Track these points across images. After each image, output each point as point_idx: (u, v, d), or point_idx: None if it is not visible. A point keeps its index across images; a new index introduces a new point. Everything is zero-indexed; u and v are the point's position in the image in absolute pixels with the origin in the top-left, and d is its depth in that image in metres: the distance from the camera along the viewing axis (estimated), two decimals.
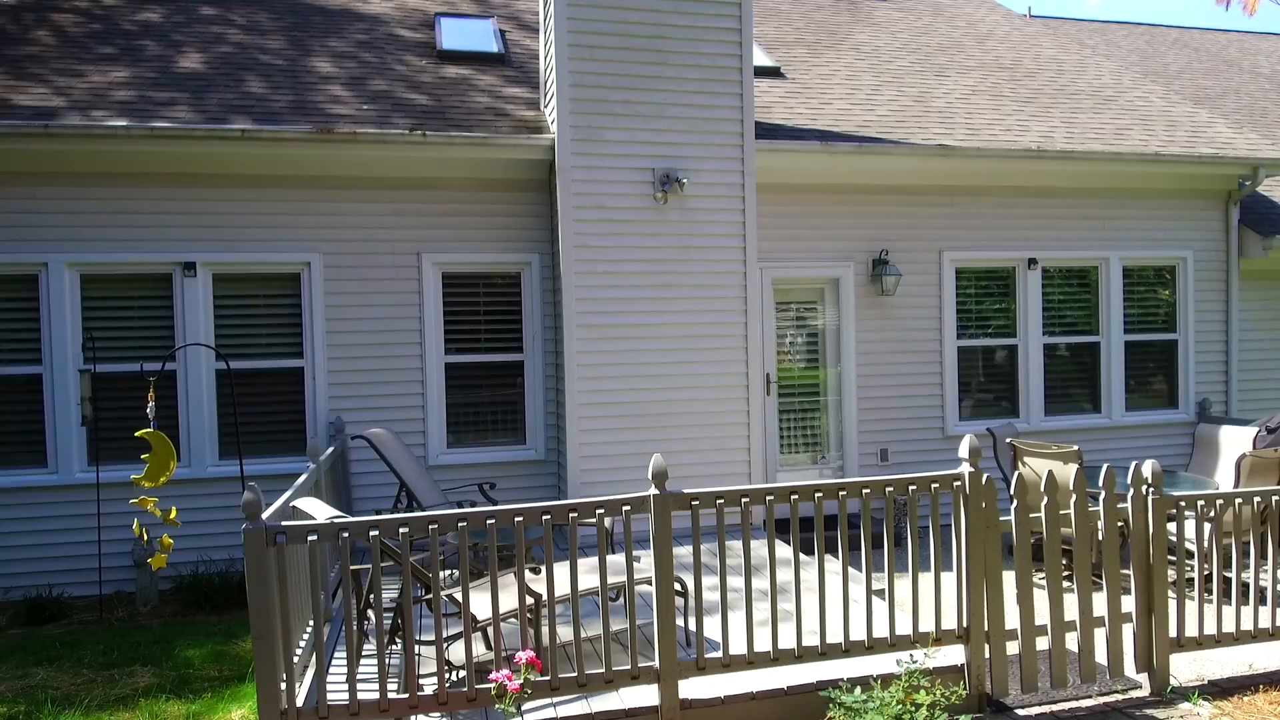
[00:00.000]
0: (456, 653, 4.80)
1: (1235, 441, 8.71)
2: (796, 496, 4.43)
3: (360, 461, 7.71)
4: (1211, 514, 5.02)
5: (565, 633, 5.07)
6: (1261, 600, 5.18)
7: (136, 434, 6.06)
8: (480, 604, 4.57)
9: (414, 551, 6.16)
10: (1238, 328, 10.07)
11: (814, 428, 8.99)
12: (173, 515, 6.03)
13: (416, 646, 4.88)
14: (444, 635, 4.48)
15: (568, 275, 7.50)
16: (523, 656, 3.72)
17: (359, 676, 4.10)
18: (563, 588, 4.70)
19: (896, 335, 9.04)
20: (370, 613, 4.97)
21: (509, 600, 4.57)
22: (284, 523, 3.83)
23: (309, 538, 3.82)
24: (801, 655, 4.42)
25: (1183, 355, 9.89)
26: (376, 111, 7.89)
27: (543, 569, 4.80)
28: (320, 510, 4.42)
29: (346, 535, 3.86)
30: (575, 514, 4.14)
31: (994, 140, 9.04)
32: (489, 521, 4.02)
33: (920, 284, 9.07)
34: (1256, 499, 5.14)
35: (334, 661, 4.87)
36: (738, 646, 4.50)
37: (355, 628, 4.08)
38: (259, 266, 7.69)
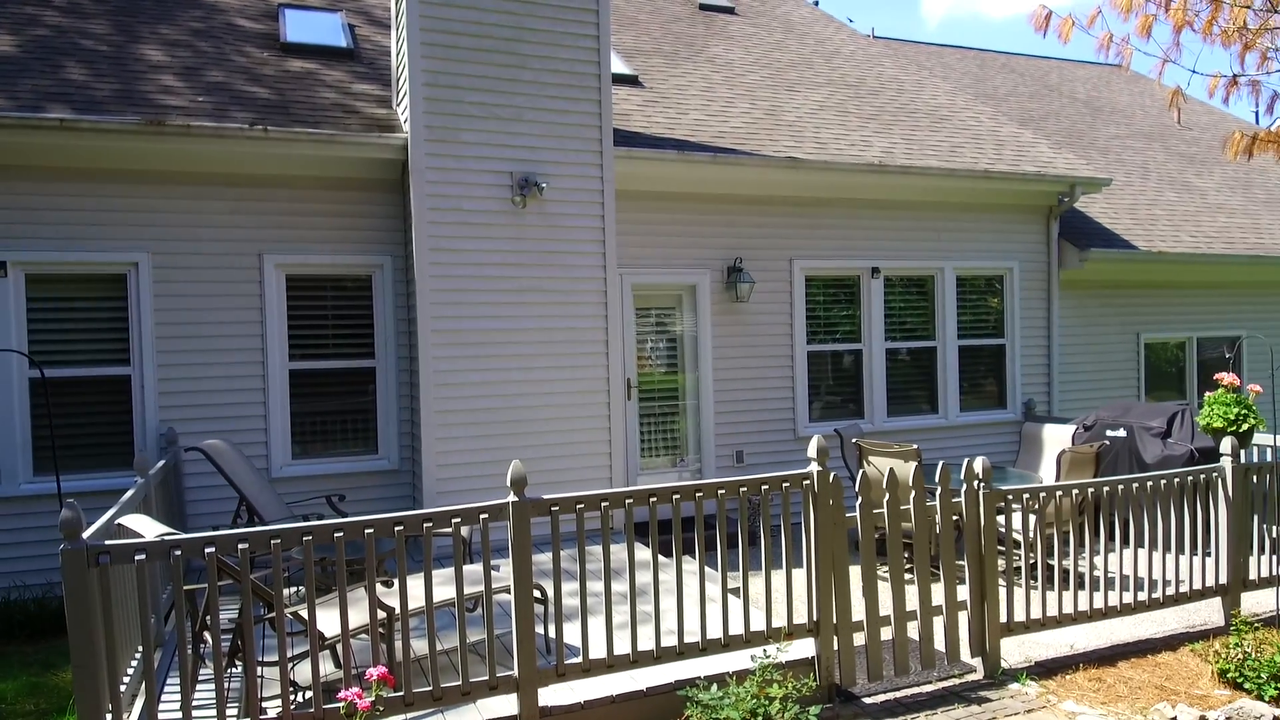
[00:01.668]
0: (304, 673, 4.58)
1: (1057, 438, 9.42)
2: (655, 499, 4.47)
3: (195, 475, 7.24)
4: (1035, 506, 5.39)
5: (421, 646, 4.93)
6: (1080, 585, 5.61)
7: None
8: (329, 621, 4.37)
9: (256, 569, 5.85)
10: (1058, 333, 10.89)
11: (674, 431, 9.11)
12: None
13: (259, 668, 4.62)
14: (290, 655, 4.25)
15: (422, 279, 7.30)
16: (374, 673, 3.58)
17: (195, 703, 3.84)
18: (418, 600, 4.56)
19: (751, 341, 9.28)
20: (207, 635, 4.66)
21: (359, 615, 4.39)
22: (108, 542, 3.54)
23: (136, 557, 3.54)
24: (660, 656, 4.46)
25: (1010, 359, 10.60)
26: (213, 104, 7.45)
27: (396, 582, 4.63)
28: (149, 528, 4.11)
29: (179, 553, 3.61)
30: (430, 524, 4.02)
31: (840, 154, 9.43)
32: (336, 534, 3.84)
33: (773, 291, 9.35)
34: (1075, 491, 5.56)
35: (167, 689, 4.55)
36: (598, 651, 4.48)
37: (190, 651, 3.82)
38: (80, 266, 7.11)
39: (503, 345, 7.57)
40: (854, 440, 7.61)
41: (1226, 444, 6.05)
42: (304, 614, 4.31)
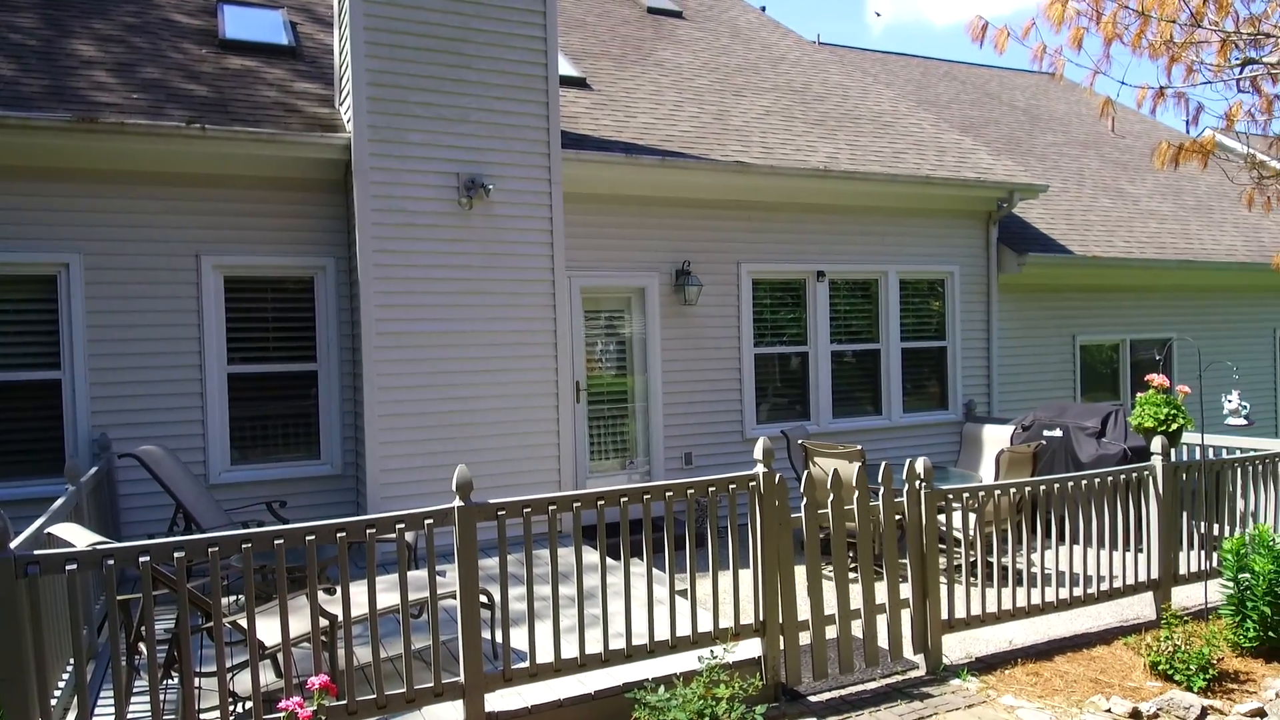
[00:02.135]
0: (244, 683, 4.48)
1: (996, 438, 9.63)
2: (603, 502, 4.46)
3: (130, 483, 7.04)
4: (975, 505, 5.51)
5: (365, 654, 4.85)
6: (1019, 582, 5.74)
7: None
8: (269, 630, 4.28)
9: (194, 578, 5.71)
10: (998, 336, 11.14)
11: (623, 434, 9.12)
12: None
13: (197, 679, 4.51)
14: (229, 665, 4.16)
15: (366, 280, 7.20)
16: (315, 681, 3.52)
17: (129, 716, 3.73)
18: (361, 607, 4.49)
19: (699, 343, 9.33)
20: (142, 646, 4.54)
21: (301, 624, 4.31)
22: (37, 552, 3.42)
23: (67, 567, 3.44)
24: (608, 659, 4.46)
25: (951, 361, 10.81)
26: (148, 101, 7.26)
27: (339, 589, 4.56)
28: (81, 537, 3.99)
29: (112, 563, 3.51)
30: (373, 530, 3.97)
31: (786, 159, 9.53)
32: (277, 541, 3.77)
33: (721, 294, 9.41)
34: (1013, 490, 5.69)
35: (100, 702, 4.42)
36: (545, 655, 4.46)
37: (124, 663, 3.71)
38: (7, 268, 6.85)
39: (449, 348, 7.50)
40: (800, 441, 7.69)
41: (1157, 443, 6.24)
42: (243, 623, 4.22)
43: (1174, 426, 6.47)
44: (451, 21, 7.44)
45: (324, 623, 4.18)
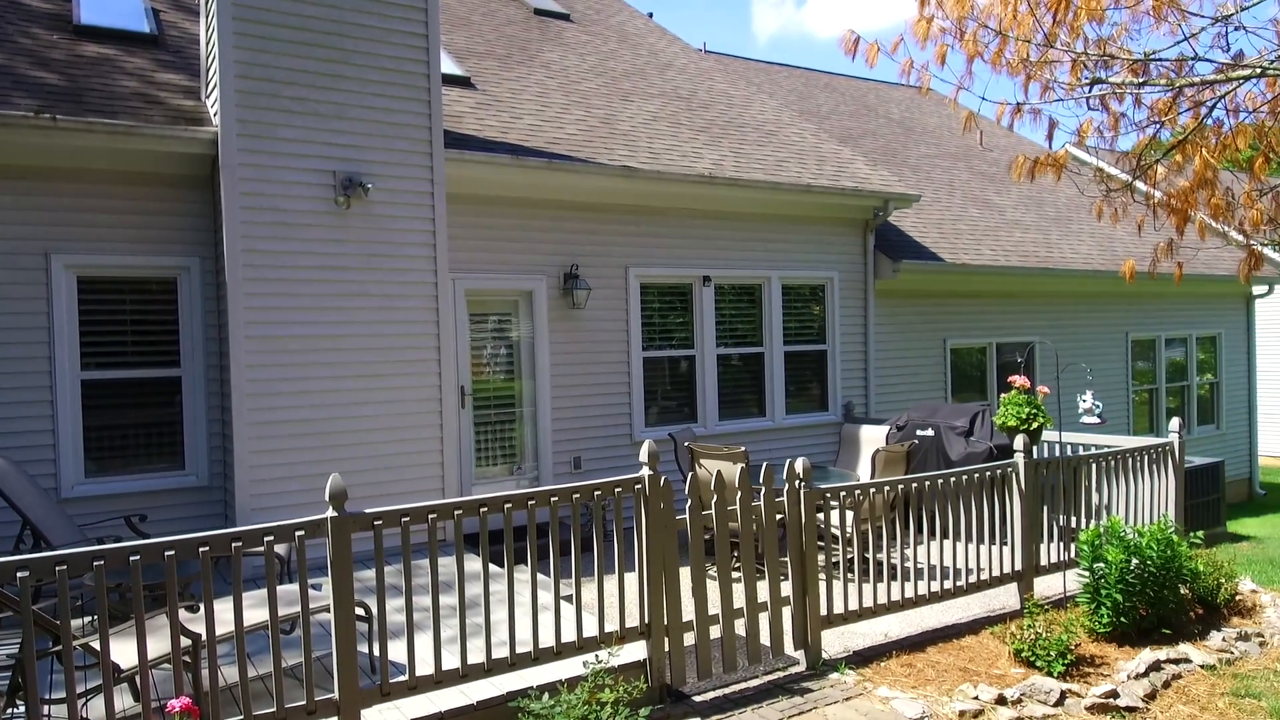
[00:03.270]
0: (98, 709, 4.19)
1: (872, 438, 9.95)
2: (486, 509, 4.38)
3: None
4: (852, 503, 5.67)
5: (233, 673, 4.62)
6: (894, 577, 5.93)
7: None
8: (125, 652, 4.02)
9: (43, 598, 5.33)
10: (874, 339, 11.53)
11: (510, 439, 9.00)
12: None
13: (45, 706, 4.21)
14: (82, 690, 3.89)
15: (234, 282, 6.87)
16: (175, 704, 3.32)
17: None
18: (227, 625, 4.27)
19: (588, 347, 9.30)
20: None
21: (161, 644, 4.07)
22: None
23: None
24: (491, 668, 4.38)
25: (831, 363, 11.13)
26: None
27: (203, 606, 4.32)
28: None
29: None
30: (239, 543, 3.78)
31: (672, 165, 9.62)
32: (133, 558, 3.55)
33: (609, 298, 9.41)
34: (887, 488, 5.88)
35: None
36: (425, 667, 4.35)
37: None
38: None
39: (325, 352, 7.24)
40: (686, 444, 7.76)
41: (1019, 441, 6.57)
42: (96, 645, 3.95)
43: (1035, 425, 6.82)
44: (327, 14, 7.19)
45: (186, 642, 3.95)
